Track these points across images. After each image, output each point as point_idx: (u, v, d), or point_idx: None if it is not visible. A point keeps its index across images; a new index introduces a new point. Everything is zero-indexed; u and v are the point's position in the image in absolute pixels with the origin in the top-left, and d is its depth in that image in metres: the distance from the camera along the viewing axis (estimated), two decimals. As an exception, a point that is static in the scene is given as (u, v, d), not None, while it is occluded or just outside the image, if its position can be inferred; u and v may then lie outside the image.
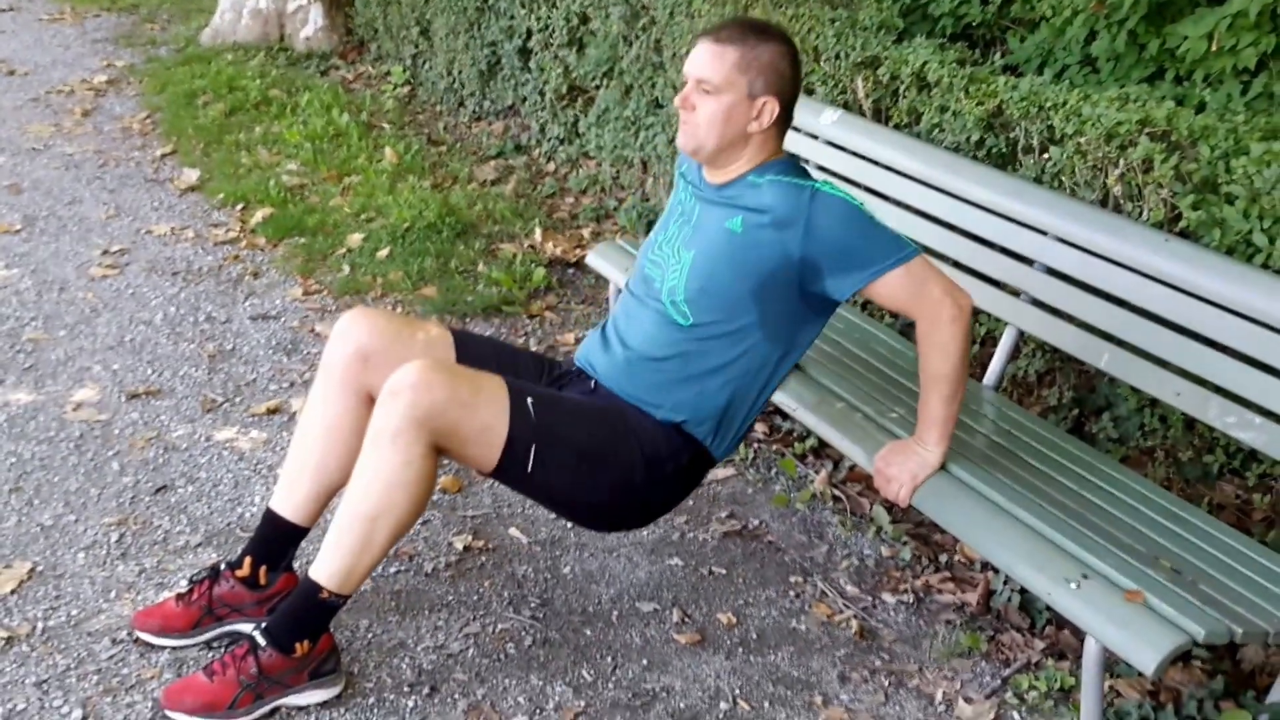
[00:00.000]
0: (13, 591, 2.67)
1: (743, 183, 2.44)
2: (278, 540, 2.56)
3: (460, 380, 2.27)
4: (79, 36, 8.23)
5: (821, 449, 3.42)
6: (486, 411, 2.27)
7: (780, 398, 2.85)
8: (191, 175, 5.43)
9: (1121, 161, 2.86)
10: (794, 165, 2.47)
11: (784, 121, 2.46)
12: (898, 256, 2.34)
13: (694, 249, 2.45)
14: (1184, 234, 2.74)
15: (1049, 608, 2.66)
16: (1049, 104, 3.07)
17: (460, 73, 6.32)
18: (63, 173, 5.46)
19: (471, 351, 2.54)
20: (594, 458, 2.39)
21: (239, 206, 5.05)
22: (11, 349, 3.79)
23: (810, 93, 3.81)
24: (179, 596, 2.56)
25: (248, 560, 2.55)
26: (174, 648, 2.53)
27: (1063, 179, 3.05)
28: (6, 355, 3.75)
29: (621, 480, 2.42)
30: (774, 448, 3.46)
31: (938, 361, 2.37)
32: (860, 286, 2.37)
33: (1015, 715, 2.49)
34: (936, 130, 3.38)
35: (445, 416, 2.22)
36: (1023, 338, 3.09)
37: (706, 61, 2.40)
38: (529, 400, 2.32)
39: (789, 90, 2.44)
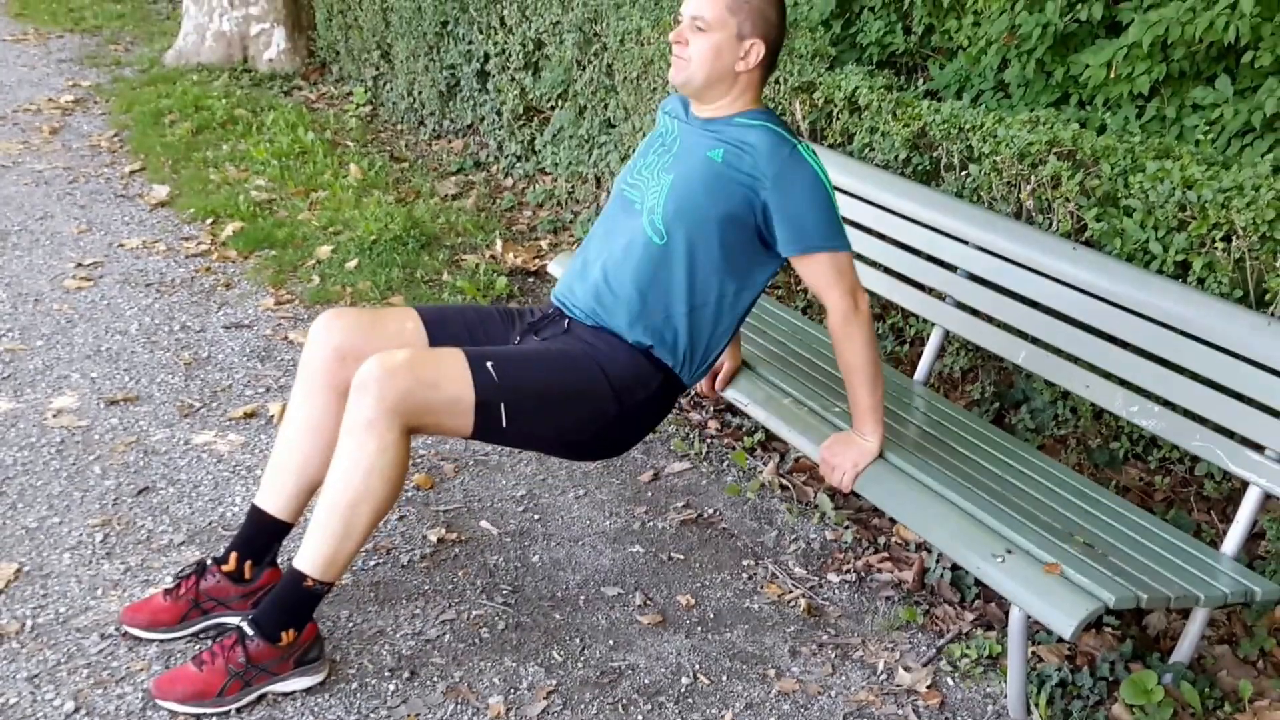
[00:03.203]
0: (0, 591, 2.78)
1: (731, 121, 2.63)
2: (262, 536, 2.68)
3: (421, 364, 2.42)
4: (43, 57, 8.28)
5: (769, 442, 3.63)
6: (450, 386, 2.42)
7: (732, 394, 3.06)
8: (161, 191, 5.54)
9: (1033, 178, 3.10)
10: (781, 120, 2.66)
11: (769, 66, 2.65)
12: (832, 244, 2.56)
13: (674, 173, 2.63)
14: (1089, 243, 2.99)
15: (977, 583, 2.91)
16: (968, 126, 3.32)
17: (420, 93, 6.50)
18: (33, 189, 5.56)
19: (443, 329, 2.69)
20: (563, 398, 2.54)
21: (209, 221, 5.18)
22: (-9, 360, 3.91)
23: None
24: (166, 592, 2.66)
25: (233, 555, 2.66)
26: (162, 641, 2.63)
27: (981, 193, 3.29)
28: (-14, 366, 3.87)
29: (595, 413, 2.58)
30: (725, 441, 3.67)
31: (850, 355, 2.59)
32: (795, 253, 2.58)
33: (949, 681, 2.70)
34: (867, 149, 3.62)
35: (413, 398, 2.37)
36: (948, 337, 3.32)
37: (702, 1, 2.59)
38: (489, 364, 2.46)
39: (774, 35, 2.63)
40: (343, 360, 2.61)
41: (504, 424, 2.48)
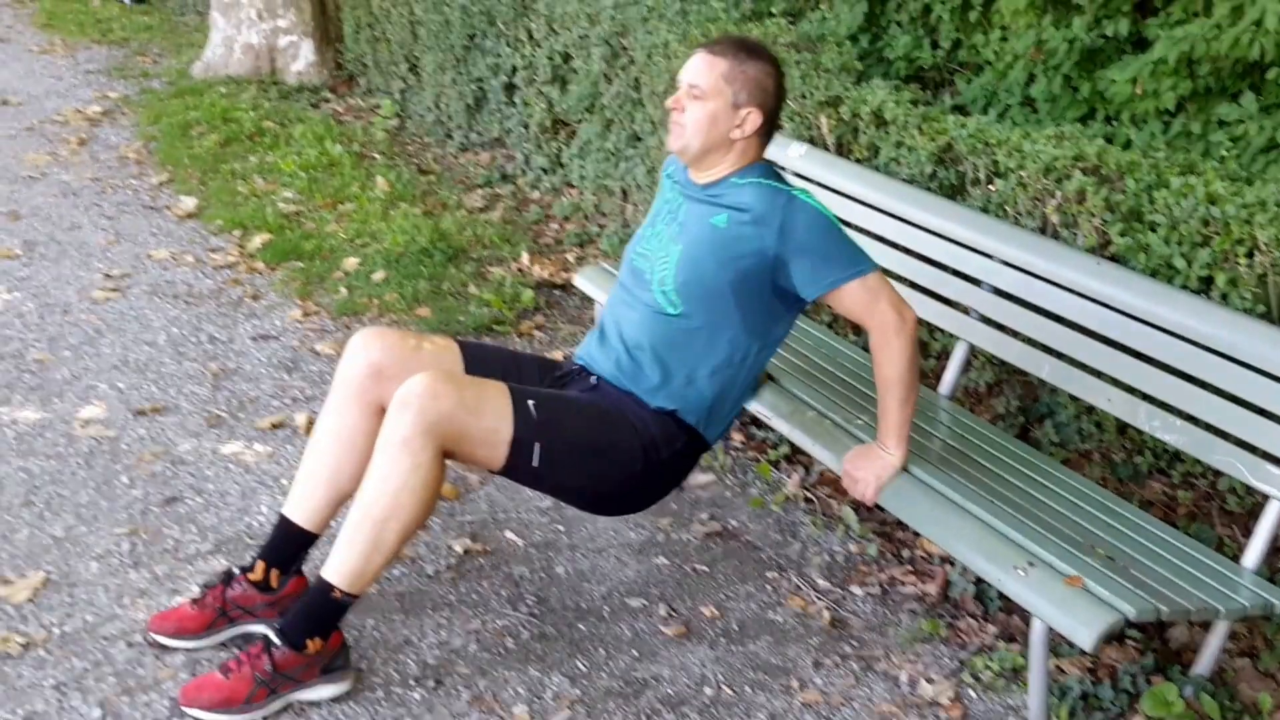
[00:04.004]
0: (28, 599, 2.79)
1: (726, 183, 2.66)
2: (289, 545, 2.70)
3: (465, 388, 2.45)
4: (71, 68, 8.37)
5: (794, 455, 3.64)
6: (491, 416, 2.45)
7: (756, 407, 3.07)
8: (189, 203, 5.60)
9: (1058, 193, 3.11)
10: (773, 171, 2.69)
11: (766, 133, 2.69)
12: (856, 269, 2.58)
13: (681, 243, 2.67)
14: (1114, 258, 2.99)
15: (1000, 596, 2.91)
16: (993, 141, 3.33)
17: (448, 106, 6.55)
18: (61, 200, 5.62)
19: (478, 361, 2.73)
20: (595, 450, 2.58)
21: (237, 232, 5.23)
22: (17, 369, 3.95)
23: (779, 129, 4.05)
24: (193, 600, 2.69)
25: (260, 564, 2.69)
26: (188, 649, 2.65)
27: (1006, 208, 3.29)
28: (12, 375, 3.91)
29: (622, 469, 2.61)
30: (750, 454, 3.69)
31: (889, 369, 2.60)
32: (822, 292, 2.59)
33: (972, 693, 2.71)
34: (893, 163, 3.63)
35: (452, 423, 2.40)
36: (973, 351, 3.32)
37: (699, 69, 2.64)
38: (530, 402, 2.50)
39: (771, 104, 2.67)
40: (379, 378, 2.63)
41: (535, 464, 2.51)
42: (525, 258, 4.98)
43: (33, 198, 5.63)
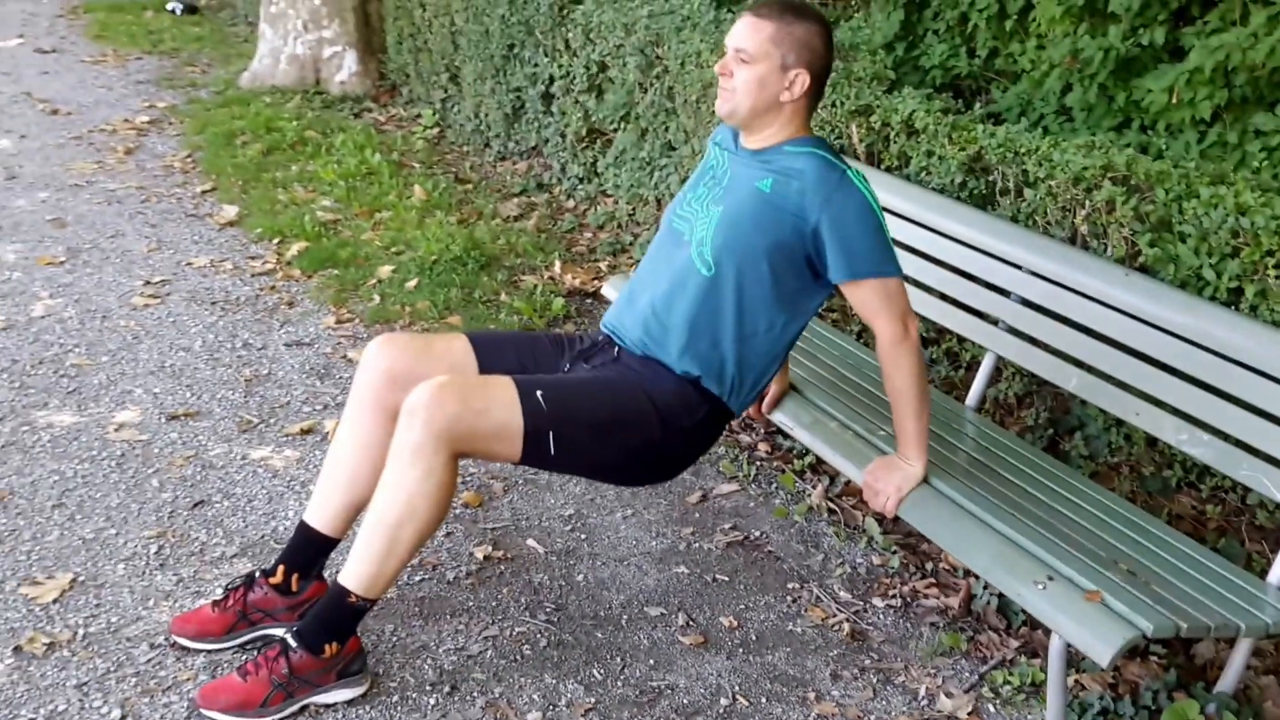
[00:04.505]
0: (55, 600, 2.83)
1: (779, 150, 2.63)
2: (310, 550, 2.73)
3: (471, 391, 2.45)
4: (121, 78, 8.50)
5: (819, 465, 3.62)
6: (500, 413, 2.45)
7: (779, 417, 3.06)
8: (230, 211, 5.66)
9: (1087, 203, 3.07)
10: (830, 146, 2.66)
11: (815, 95, 2.66)
12: (882, 269, 2.55)
13: (723, 205, 2.64)
14: (1143, 269, 2.95)
15: (1024, 610, 2.87)
16: (1023, 150, 3.29)
17: (487, 115, 6.58)
18: (105, 207, 5.70)
19: (491, 351, 2.73)
20: (610, 426, 2.56)
21: (275, 240, 5.28)
22: (56, 374, 4.01)
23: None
24: (215, 603, 2.72)
25: (281, 568, 2.72)
26: (209, 651, 2.68)
27: (1036, 218, 3.26)
28: (50, 380, 3.97)
29: (641, 441, 2.60)
30: (774, 464, 3.67)
31: (897, 380, 2.57)
32: (845, 279, 2.57)
33: (991, 707, 2.68)
34: (924, 173, 3.60)
35: (461, 426, 2.41)
36: (1002, 363, 3.29)
37: (745, 33, 2.60)
38: (539, 393, 2.49)
39: (820, 65, 2.63)
40: (394, 383, 2.65)
41: (552, 451, 2.51)
42: (557, 266, 4.99)
43: (78, 205, 5.71)
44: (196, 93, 8.05)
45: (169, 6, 11.13)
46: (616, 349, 2.74)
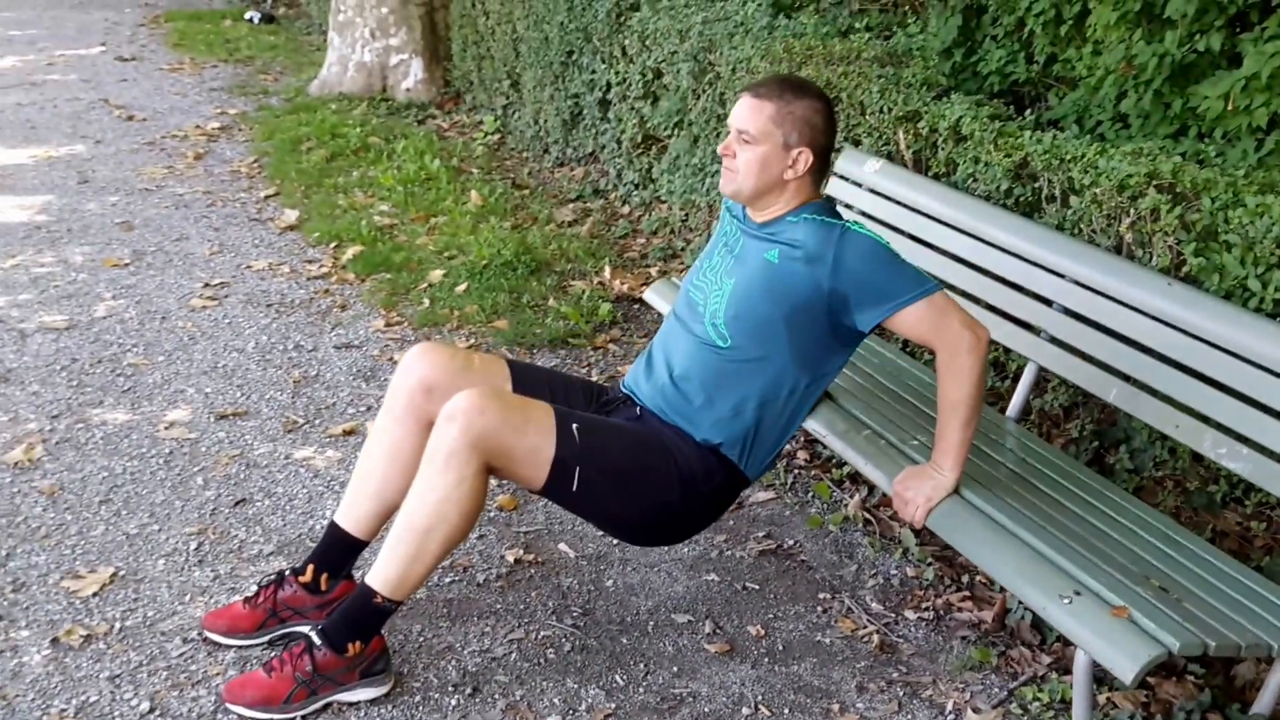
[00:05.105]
0: (95, 594, 2.89)
1: (782, 221, 2.63)
2: (339, 551, 2.76)
3: (511, 406, 2.47)
4: (196, 85, 8.67)
5: (857, 475, 3.57)
6: (534, 435, 2.46)
7: (812, 425, 3.03)
8: (291, 215, 5.75)
9: (1132, 211, 3.00)
10: (828, 207, 2.65)
11: (820, 169, 2.65)
12: (919, 290, 2.52)
13: (735, 277, 2.65)
14: (1188, 278, 2.87)
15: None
16: (1069, 156, 3.23)
17: (545, 122, 6.61)
18: (172, 211, 5.81)
19: (526, 381, 2.75)
20: (633, 478, 2.57)
21: (332, 244, 5.35)
22: (113, 373, 4.09)
23: (857, 144, 4.00)
24: (246, 599, 2.76)
25: (310, 567, 2.75)
26: (239, 647, 2.73)
27: (1081, 226, 3.19)
28: (107, 378, 4.05)
29: (659, 500, 2.60)
30: (812, 473, 3.63)
31: (955, 389, 2.52)
32: (882, 318, 2.54)
33: (1018, 725, 2.63)
34: (970, 180, 3.55)
35: (496, 439, 2.42)
36: (1045, 374, 3.23)
37: (746, 114, 2.61)
38: (574, 426, 2.51)
39: (823, 141, 2.63)
40: (429, 393, 2.67)
41: (574, 487, 2.51)
42: (607, 272, 4.99)
43: (146, 209, 5.83)
44: (267, 100, 8.18)
45: (247, 16, 11.34)
46: (638, 408, 2.75)
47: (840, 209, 2.74)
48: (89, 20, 11.42)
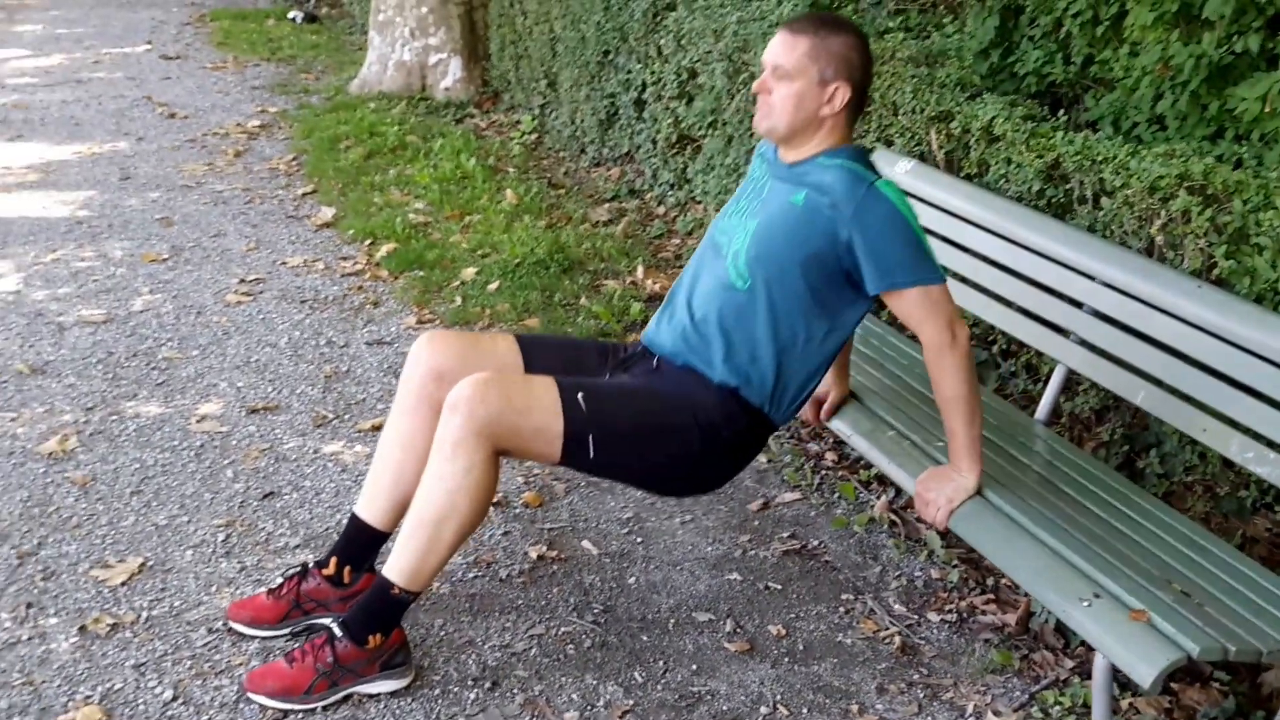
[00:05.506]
0: (123, 583, 2.93)
1: (813, 162, 2.61)
2: (361, 543, 2.78)
3: (513, 388, 2.48)
4: (239, 84, 8.75)
5: (884, 476, 3.54)
6: (540, 413, 2.47)
7: (837, 425, 3.02)
8: (328, 213, 5.79)
9: (1163, 212, 2.97)
10: (863, 155, 2.62)
11: (856, 107, 2.63)
12: (921, 276, 2.50)
13: (759, 218, 2.63)
14: (1219, 281, 2.84)
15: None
16: (1100, 158, 3.20)
17: (582, 121, 6.62)
18: (211, 208, 5.88)
19: (537, 354, 2.75)
20: (649, 433, 2.56)
21: (367, 242, 5.38)
22: (147, 366, 4.14)
23: (889, 144, 3.99)
24: (270, 591, 2.78)
25: (333, 560, 2.77)
26: (263, 638, 2.75)
27: (1113, 228, 3.16)
28: (142, 372, 4.10)
29: (680, 450, 2.58)
30: (839, 474, 3.62)
31: (946, 388, 2.52)
32: (882, 290, 2.53)
33: (1038, 729, 2.61)
34: (1002, 181, 3.52)
35: (501, 423, 2.43)
36: (1075, 376, 3.20)
37: (780, 49, 2.58)
38: (580, 395, 2.50)
39: (859, 77, 2.60)
40: (440, 380, 2.67)
41: (591, 454, 2.51)
42: (640, 271, 5.00)
43: (186, 205, 5.90)
44: (308, 99, 8.24)
45: (290, 15, 11.43)
46: (656, 360, 2.73)
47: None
48: (135, 19, 11.56)
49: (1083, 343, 3.05)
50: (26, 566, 2.99)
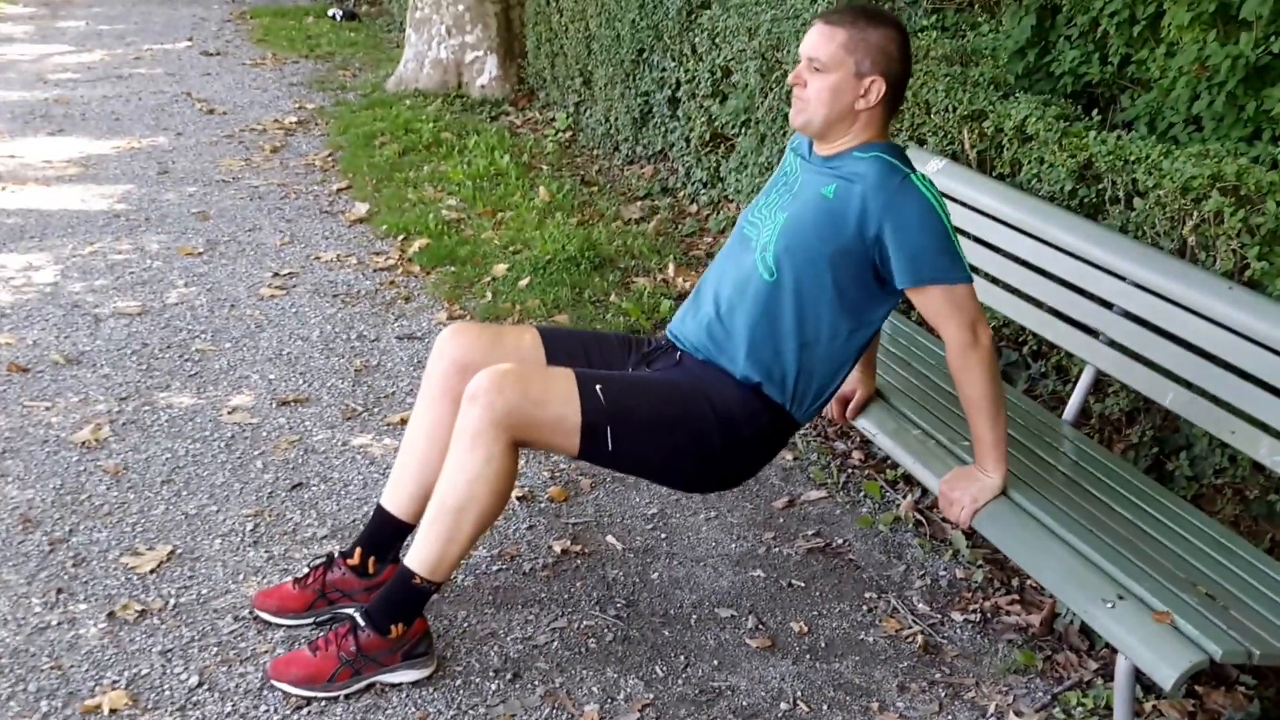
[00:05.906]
0: (152, 571, 2.97)
1: (847, 155, 2.59)
2: (386, 534, 2.80)
3: (531, 379, 2.48)
4: (277, 80, 8.82)
5: (911, 475, 3.53)
6: (558, 404, 2.47)
7: (862, 423, 3.01)
8: (361, 208, 5.82)
9: (1195, 213, 2.94)
10: (898, 150, 2.61)
11: (892, 102, 2.60)
12: (948, 275, 2.49)
13: (788, 211, 2.62)
14: (1251, 283, 2.81)
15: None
16: (1133, 158, 3.17)
17: (616, 119, 6.63)
18: (247, 203, 5.93)
19: (559, 346, 2.76)
20: (668, 427, 2.55)
21: (400, 237, 5.41)
22: (180, 358, 4.19)
23: (921, 143, 3.97)
24: (296, 580, 2.81)
25: (358, 550, 2.79)
26: (288, 626, 2.78)
27: (1145, 229, 3.14)
28: (175, 363, 4.15)
29: (700, 445, 2.58)
30: (866, 473, 3.61)
31: (968, 387, 2.51)
32: (907, 285, 2.51)
33: (1060, 731, 2.59)
34: (1034, 180, 3.50)
35: (520, 414, 2.44)
36: (1105, 377, 3.17)
37: (817, 41, 2.56)
38: (598, 387, 2.50)
39: (897, 71, 2.57)
40: (462, 372, 2.68)
41: (609, 447, 2.52)
42: (671, 269, 5.00)
43: (222, 200, 5.95)
44: (345, 95, 8.29)
45: (330, 12, 11.50)
46: (679, 354, 2.73)
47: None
48: (176, 16, 11.66)
49: (1112, 343, 3.02)
50: (58, 553, 3.03)
